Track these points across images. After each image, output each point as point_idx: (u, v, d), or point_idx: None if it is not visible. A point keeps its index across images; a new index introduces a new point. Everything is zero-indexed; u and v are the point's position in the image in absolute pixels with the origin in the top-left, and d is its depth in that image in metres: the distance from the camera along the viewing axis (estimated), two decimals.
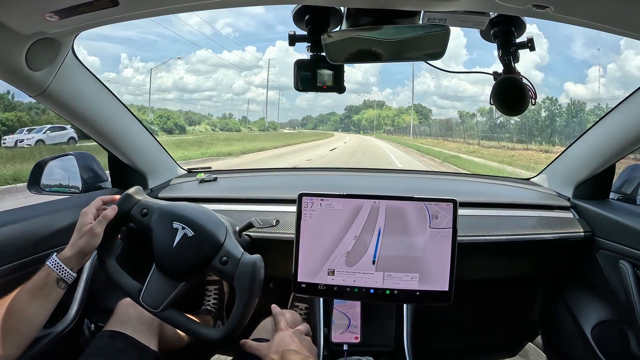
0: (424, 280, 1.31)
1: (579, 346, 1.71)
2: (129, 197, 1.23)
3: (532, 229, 1.63)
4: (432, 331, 2.10)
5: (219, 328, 1.17)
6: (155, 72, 75.65)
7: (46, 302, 1.07)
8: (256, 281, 1.15)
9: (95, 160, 1.80)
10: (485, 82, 79.53)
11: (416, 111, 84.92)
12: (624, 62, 48.96)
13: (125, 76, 65.73)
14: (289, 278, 1.34)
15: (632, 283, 1.46)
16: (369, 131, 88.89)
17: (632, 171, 1.77)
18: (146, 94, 67.25)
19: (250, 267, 1.15)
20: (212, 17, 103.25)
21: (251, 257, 1.17)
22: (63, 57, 1.19)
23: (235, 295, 1.15)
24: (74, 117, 1.41)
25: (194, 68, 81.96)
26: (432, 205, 1.31)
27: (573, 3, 0.85)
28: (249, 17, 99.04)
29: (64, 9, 0.90)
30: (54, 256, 1.10)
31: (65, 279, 1.09)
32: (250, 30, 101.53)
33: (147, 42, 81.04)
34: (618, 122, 1.52)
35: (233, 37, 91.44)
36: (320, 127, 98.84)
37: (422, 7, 0.94)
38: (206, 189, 1.89)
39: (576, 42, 70.77)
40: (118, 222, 1.21)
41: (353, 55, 1.02)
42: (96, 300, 1.47)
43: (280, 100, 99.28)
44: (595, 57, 63.26)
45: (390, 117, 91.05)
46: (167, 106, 68.28)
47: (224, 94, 72.90)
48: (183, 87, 74.97)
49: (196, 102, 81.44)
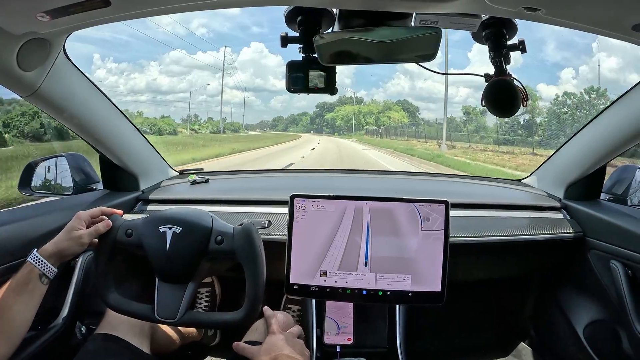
0: (417, 281, 1.31)
1: (571, 346, 1.72)
2: (111, 228, 1.21)
3: (523, 230, 1.64)
4: (425, 332, 2.11)
5: (240, 309, 1.16)
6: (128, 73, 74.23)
7: (31, 298, 1.07)
8: (256, 244, 1.16)
9: (86, 161, 1.79)
10: (459, 84, 78.05)
11: (403, 108, 71.75)
12: (595, 64, 49.39)
13: (98, 77, 64.88)
14: (281, 279, 1.34)
15: (623, 283, 1.47)
16: (346, 132, 73.03)
17: (622, 172, 1.78)
18: (119, 95, 66.17)
19: (245, 234, 1.16)
20: (187, 17, 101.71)
21: (242, 226, 1.18)
22: (54, 58, 1.18)
23: (245, 275, 1.15)
24: (65, 118, 1.39)
25: (167, 69, 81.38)
26: (424, 207, 1.31)
27: (564, 5, 0.86)
28: (224, 17, 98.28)
29: (55, 9, 0.89)
30: (34, 252, 1.09)
31: (47, 274, 1.09)
32: (224, 31, 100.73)
33: (120, 43, 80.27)
34: (608, 124, 1.53)
35: (207, 38, 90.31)
36: (291, 129, 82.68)
37: (414, 9, 0.95)
38: (198, 191, 1.89)
39: (549, 45, 71.28)
40: (110, 254, 1.20)
41: (345, 56, 1.02)
42: (87, 302, 1.46)
43: (255, 102, 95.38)
44: (567, 59, 63.96)
45: (374, 113, 71.45)
46: (141, 108, 66.99)
47: (198, 95, 72.28)
48: (157, 89, 74.10)
49: (170, 104, 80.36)
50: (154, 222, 1.19)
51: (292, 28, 1.06)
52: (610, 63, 46.59)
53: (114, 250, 1.20)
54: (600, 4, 0.84)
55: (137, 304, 1.20)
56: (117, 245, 1.20)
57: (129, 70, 76.86)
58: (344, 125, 75.84)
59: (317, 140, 48.15)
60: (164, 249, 1.15)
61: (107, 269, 1.20)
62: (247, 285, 1.15)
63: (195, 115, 59.77)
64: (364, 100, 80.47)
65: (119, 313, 1.20)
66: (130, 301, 1.22)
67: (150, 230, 1.18)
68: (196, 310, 1.22)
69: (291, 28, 1.07)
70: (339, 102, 78.83)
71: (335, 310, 1.54)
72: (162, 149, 1.97)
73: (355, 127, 71.62)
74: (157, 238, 1.16)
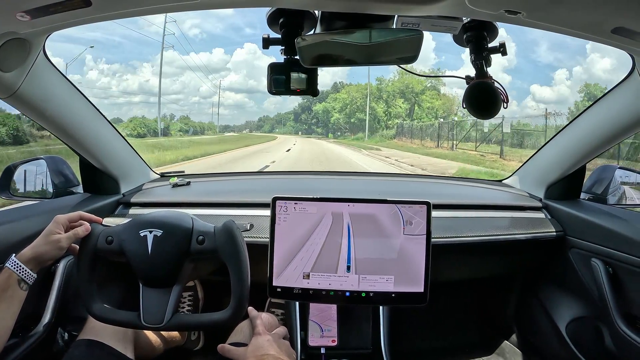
0: (400, 282, 1.32)
1: (554, 343, 1.74)
2: (89, 235, 1.19)
3: (505, 230, 1.66)
4: (409, 332, 2.12)
5: (227, 308, 1.15)
6: (121, 75, 72.09)
7: (10, 305, 1.04)
8: (238, 241, 1.16)
9: (66, 164, 1.77)
10: (453, 85, 77.40)
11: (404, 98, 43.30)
12: (590, 64, 50.02)
13: (90, 78, 63.61)
14: (264, 282, 1.34)
15: (604, 280, 1.50)
16: (349, 132, 46.79)
17: (602, 172, 1.82)
18: (112, 97, 64.53)
19: (226, 231, 1.16)
20: (180, 18, 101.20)
21: (222, 224, 1.18)
22: (34, 58, 1.16)
23: (229, 273, 1.15)
24: (44, 120, 1.37)
25: (159, 70, 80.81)
26: (406, 209, 1.32)
27: (545, 9, 0.87)
28: (217, 19, 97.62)
29: (35, 9, 0.88)
30: (12, 257, 1.07)
31: (26, 279, 1.06)
32: (217, 32, 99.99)
33: (113, 44, 79.14)
34: (588, 125, 1.56)
35: (200, 39, 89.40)
36: (277, 129, 64.86)
37: (396, 12, 0.95)
38: (179, 194, 1.87)
39: (541, 46, 72.08)
40: (91, 263, 1.18)
41: (326, 58, 1.02)
42: (69, 308, 1.44)
43: (248, 103, 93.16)
44: (559, 60, 64.33)
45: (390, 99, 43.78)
46: (133, 110, 65.27)
47: (191, 97, 71.01)
48: (149, 90, 73.15)
49: (162, 106, 79.01)
50: (134, 226, 1.17)
51: (274, 30, 1.06)
52: (604, 64, 47.13)
53: (96, 259, 1.18)
54: (581, 8, 0.85)
55: (122, 312, 1.19)
56: (98, 254, 1.18)
57: (121, 71, 75.59)
58: (344, 123, 48.66)
59: (293, 141, 39.84)
60: (145, 253, 1.14)
61: (90, 278, 1.18)
62: (232, 283, 1.14)
63: (172, 115, 55.08)
64: (384, 78, 46.24)
65: (105, 322, 1.18)
66: (116, 310, 1.20)
67: (130, 235, 1.16)
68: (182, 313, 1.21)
69: (273, 30, 1.06)
70: (333, 89, 54.15)
71: (319, 313, 1.55)
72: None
73: (370, 125, 43.59)
74: (138, 242, 1.15)
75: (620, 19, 0.87)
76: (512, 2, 0.83)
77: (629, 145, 13.55)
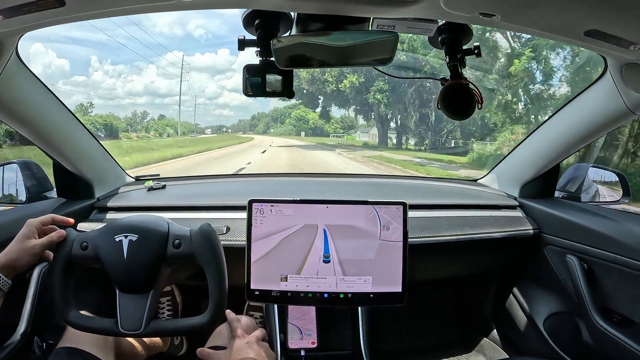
0: (377, 283, 1.32)
1: (532, 338, 1.77)
2: (63, 241, 1.16)
3: (481, 228, 1.68)
4: (389, 333, 2.13)
5: (206, 312, 1.14)
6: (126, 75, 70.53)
7: None
8: (214, 244, 1.14)
9: (39, 168, 1.72)
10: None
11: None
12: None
13: (95, 79, 62.21)
14: (242, 286, 1.33)
15: (579, 275, 1.53)
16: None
17: (575, 170, 1.87)
18: (117, 98, 62.66)
19: (202, 235, 1.15)
20: (184, 19, 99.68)
21: (198, 227, 1.17)
22: (6, 60, 1.12)
23: (207, 277, 1.13)
24: (17, 123, 1.33)
25: (164, 72, 79.45)
26: (383, 211, 1.32)
27: (518, 12, 0.88)
28: (221, 19, 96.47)
29: (8, 8, 0.86)
30: None
31: (1, 286, 1.04)
32: (222, 33, 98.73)
33: (117, 46, 77.90)
34: (561, 125, 1.60)
35: (205, 40, 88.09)
36: (273, 128, 58.99)
37: (372, 14, 0.95)
38: (155, 197, 1.84)
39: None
40: (66, 270, 1.15)
41: (302, 60, 1.01)
42: (46, 316, 1.41)
43: (253, 105, 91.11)
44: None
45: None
46: (140, 111, 63.61)
47: (197, 98, 70.07)
48: (154, 92, 71.98)
49: (168, 107, 77.71)
50: (109, 231, 1.15)
51: (249, 31, 1.05)
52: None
53: (70, 266, 1.16)
54: (554, 11, 0.87)
55: (99, 319, 1.16)
56: (72, 260, 1.15)
57: (126, 72, 73.95)
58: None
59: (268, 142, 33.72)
60: (121, 258, 1.12)
61: (65, 285, 1.16)
62: (210, 287, 1.13)
63: (143, 113, 49.96)
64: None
65: (82, 330, 1.16)
66: (93, 317, 1.18)
67: (105, 240, 1.14)
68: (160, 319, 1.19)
69: (249, 31, 1.05)
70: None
71: (298, 316, 1.54)
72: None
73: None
74: (114, 248, 1.13)
75: (593, 22, 0.89)
76: (486, 4, 0.84)
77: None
